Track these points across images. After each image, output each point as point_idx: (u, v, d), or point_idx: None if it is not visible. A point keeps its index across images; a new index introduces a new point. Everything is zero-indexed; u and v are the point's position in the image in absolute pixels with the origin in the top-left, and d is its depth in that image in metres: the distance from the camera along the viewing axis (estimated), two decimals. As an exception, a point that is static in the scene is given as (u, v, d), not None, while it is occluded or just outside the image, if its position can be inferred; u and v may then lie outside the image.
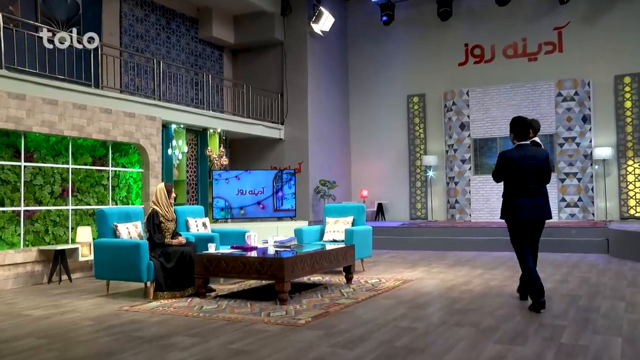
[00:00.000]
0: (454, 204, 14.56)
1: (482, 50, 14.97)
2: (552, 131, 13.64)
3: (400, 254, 10.97)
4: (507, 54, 14.69)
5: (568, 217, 13.30)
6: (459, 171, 14.49)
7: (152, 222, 6.71)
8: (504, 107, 14.14)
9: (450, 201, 14.70)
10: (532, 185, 5.55)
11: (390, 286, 7.07)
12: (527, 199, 5.54)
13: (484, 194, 14.17)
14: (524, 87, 13.99)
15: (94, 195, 9.04)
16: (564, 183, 13.44)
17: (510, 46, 14.67)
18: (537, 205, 5.55)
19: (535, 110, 13.80)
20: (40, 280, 7.89)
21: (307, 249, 7.10)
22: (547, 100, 13.72)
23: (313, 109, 14.86)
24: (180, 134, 11.69)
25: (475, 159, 14.48)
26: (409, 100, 15.76)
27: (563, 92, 13.59)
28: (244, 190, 11.50)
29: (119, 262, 6.59)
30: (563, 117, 13.56)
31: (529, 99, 13.93)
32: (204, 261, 6.38)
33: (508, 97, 14.13)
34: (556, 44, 14.23)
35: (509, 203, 5.62)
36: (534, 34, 14.40)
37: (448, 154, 14.85)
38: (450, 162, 14.71)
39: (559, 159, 13.54)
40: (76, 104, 8.52)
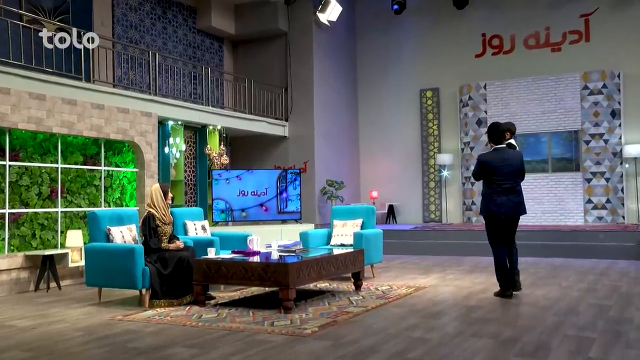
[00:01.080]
0: (470, 205, 14.50)
1: (500, 41, 14.90)
2: (577, 127, 13.55)
3: (412, 259, 10.93)
4: (529, 44, 14.61)
5: (595, 220, 13.21)
6: (475, 170, 14.41)
7: (148, 225, 6.68)
8: (525, 102, 14.07)
9: (466, 203, 14.64)
10: (507, 185, 6.60)
11: (402, 294, 7.05)
12: (503, 197, 6.59)
13: (502, 195, 14.06)
14: (546, 79, 13.91)
15: (85, 197, 9.03)
16: (591, 183, 13.35)
17: (531, 36, 14.59)
18: (513, 202, 6.61)
19: (558, 104, 13.72)
20: (27, 288, 7.87)
21: (313, 253, 7.06)
22: (572, 94, 13.63)
23: (319, 104, 14.82)
24: (177, 131, 11.67)
25: (494, 158, 14.38)
26: (422, 95, 15.71)
27: (590, 84, 13.50)
28: (246, 191, 11.47)
29: (112, 268, 6.57)
30: (589, 111, 13.47)
31: (551, 92, 13.85)
32: (203, 267, 6.36)
33: (529, 91, 14.05)
34: (582, 33, 14.13)
35: (488, 201, 6.64)
36: (558, 22, 14.31)
37: (464, 152, 14.79)
38: (467, 160, 14.65)
39: (585, 157, 13.45)
40: (65, 99, 8.51)
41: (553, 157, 13.86)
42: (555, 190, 13.68)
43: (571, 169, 13.66)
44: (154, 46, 13.00)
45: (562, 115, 13.72)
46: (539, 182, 13.78)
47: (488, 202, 6.62)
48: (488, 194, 6.63)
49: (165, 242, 6.79)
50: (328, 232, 8.99)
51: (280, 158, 14.78)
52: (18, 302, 7.05)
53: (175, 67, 13.03)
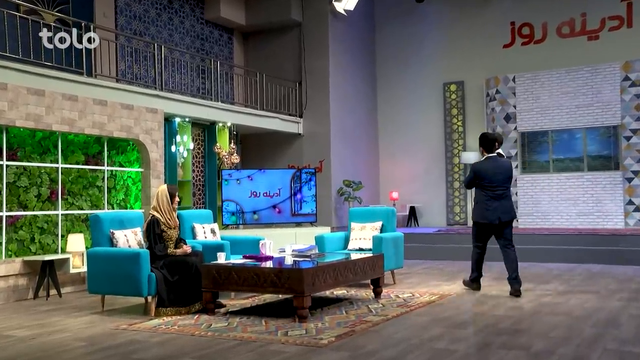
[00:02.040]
0: (498, 207, 14.37)
1: (531, 29, 14.77)
2: (617, 122, 13.39)
3: (436, 265, 10.87)
4: (562, 33, 14.47)
5: (637, 224, 13.04)
6: (503, 169, 14.31)
7: (152, 231, 6.69)
8: (557, 95, 13.93)
9: (494, 204, 14.52)
10: (500, 191, 7.46)
11: (425, 301, 7.02)
12: (497, 203, 7.44)
13: (533, 196, 13.98)
14: (581, 70, 13.76)
15: (87, 199, 9.07)
16: (632, 183, 13.17)
17: (565, 23, 14.44)
18: (505, 207, 7.48)
19: (595, 97, 13.57)
20: (25, 296, 7.92)
21: (329, 258, 7.05)
22: (611, 86, 13.47)
23: (335, 99, 14.80)
24: (185, 129, 11.71)
25: (523, 155, 14.30)
26: (446, 89, 15.63)
27: (631, 75, 13.31)
28: (258, 192, 11.48)
29: (116, 274, 6.59)
30: (631, 105, 13.30)
31: (587, 84, 13.70)
32: (213, 273, 6.36)
33: (562, 83, 13.91)
34: (624, 18, 13.93)
35: (483, 207, 7.51)
36: (595, 8, 14.14)
37: (491, 150, 14.68)
38: (494, 159, 14.54)
39: (625, 154, 13.27)
40: (66, 95, 8.56)
41: (589, 155, 13.71)
42: (591, 191, 13.52)
43: (609, 167, 13.50)
44: (160, 38, 13.05)
45: (600, 109, 13.56)
46: (573, 182, 13.64)
47: (482, 208, 7.51)
48: (482, 201, 7.50)
49: (172, 247, 6.80)
50: (345, 235, 8.97)
51: (294, 157, 14.77)
52: (16, 310, 7.09)
53: (182, 60, 13.07)
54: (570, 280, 8.68)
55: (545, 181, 13.91)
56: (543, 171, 14.06)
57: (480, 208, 7.54)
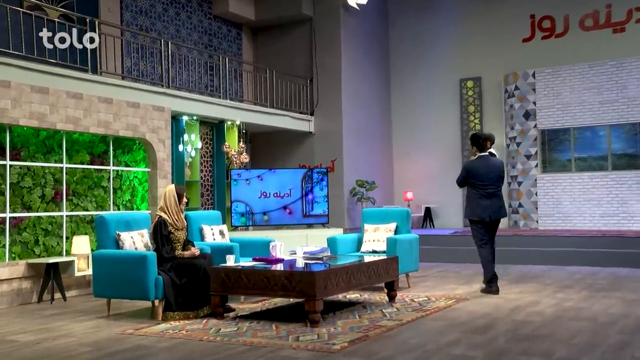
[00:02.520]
0: (517, 208, 14.33)
1: (552, 22, 14.68)
2: (644, 119, 13.28)
3: (452, 268, 10.84)
4: (585, 26, 14.36)
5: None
6: (522, 169, 14.26)
7: (159, 232, 6.71)
8: (580, 91, 13.83)
9: (512, 205, 14.47)
10: (491, 190, 7.90)
11: (441, 306, 7.00)
12: (488, 201, 7.87)
13: (554, 196, 13.90)
14: (606, 65, 13.65)
15: (92, 199, 9.11)
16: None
17: (589, 15, 14.34)
18: (497, 205, 7.91)
19: (620, 93, 13.46)
20: (29, 300, 7.97)
21: (342, 261, 7.04)
22: (638, 81, 13.34)
23: (348, 97, 14.78)
24: (192, 127, 11.73)
25: (543, 154, 14.23)
26: (462, 86, 15.58)
27: (660, 69, 13.19)
28: (268, 192, 11.48)
29: (122, 277, 6.60)
30: (658, 101, 13.17)
31: (612, 80, 13.59)
32: (222, 276, 6.37)
33: (585, 79, 13.81)
34: (653, 9, 13.79)
35: (475, 205, 7.89)
36: (621, -2, 14.02)
37: (509, 149, 14.63)
38: (513, 158, 14.49)
39: (655, 154, 13.14)
40: (70, 93, 8.60)
41: (613, 153, 13.61)
42: (616, 191, 13.41)
43: (636, 166, 13.38)
44: (166, 34, 13.09)
45: (625, 105, 13.45)
46: (597, 181, 13.53)
47: (475, 206, 7.90)
48: (474, 199, 7.91)
49: (179, 249, 6.82)
50: (358, 237, 8.97)
51: (305, 156, 14.77)
52: (20, 314, 7.13)
53: (190, 56, 13.10)
54: (594, 284, 8.61)
55: (566, 181, 13.83)
56: (564, 170, 13.98)
57: (473, 206, 7.95)
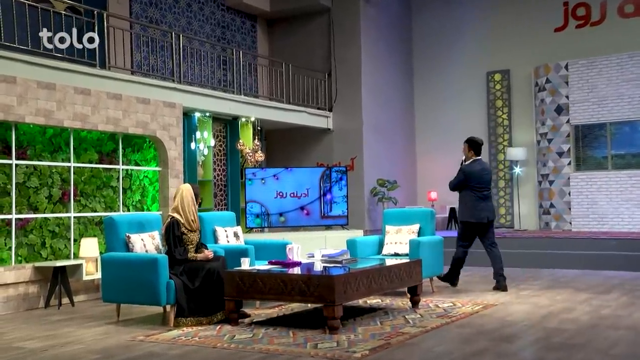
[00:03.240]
0: (548, 208, 14.23)
1: (587, 10, 14.53)
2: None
3: (479, 272, 10.78)
4: (624, 12, 14.18)
5: None
6: (554, 167, 14.16)
7: (172, 233, 6.74)
8: (617, 84, 13.67)
9: (543, 205, 14.38)
10: (486, 192, 8.71)
11: (468, 312, 6.98)
12: (483, 203, 8.64)
13: (588, 196, 13.77)
14: (647, 55, 13.49)
15: (100, 200, 9.17)
16: None
17: (629, 1, 14.11)
18: (491, 207, 8.80)
19: (663, 85, 13.27)
20: (36, 305, 8.03)
21: (362, 264, 7.03)
22: (682, 72, 13.17)
23: (368, 91, 14.76)
24: (205, 124, 11.77)
25: (577, 151, 14.11)
26: (490, 79, 15.49)
27: None
28: (284, 192, 11.49)
29: (132, 282, 6.65)
30: None
31: (654, 71, 13.41)
32: (236, 280, 6.38)
33: (623, 70, 13.64)
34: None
35: (472, 208, 8.60)
36: (667, -19, 13.82)
37: (540, 146, 14.53)
38: (543, 155, 14.39)
39: None
40: (78, 88, 8.66)
41: (656, 150, 13.46)
42: (658, 190, 13.27)
43: (679, 163, 13.23)
44: (177, 26, 13.14)
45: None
46: (637, 180, 13.34)
47: (472, 208, 8.60)
48: (472, 201, 8.61)
49: (192, 252, 6.84)
50: (379, 239, 8.95)
51: (323, 154, 14.76)
52: (27, 320, 7.19)
53: (202, 50, 13.14)
54: (634, 290, 8.51)
55: (602, 179, 13.69)
56: (600, 168, 13.85)
57: (471, 208, 8.64)
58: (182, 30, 13.14)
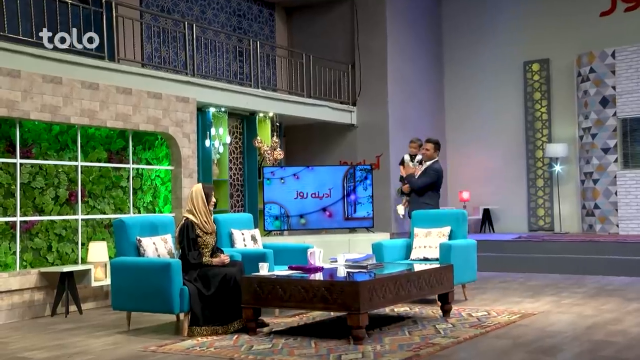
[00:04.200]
0: (592, 209, 14.12)
1: (638, -9, 14.37)
2: None
3: (515, 278, 10.73)
4: (680, -7, 14.02)
5: None
6: (599, 164, 14.05)
7: (186, 236, 6.77)
8: (672, 72, 13.52)
9: (587, 206, 14.27)
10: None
11: (504, 321, 6.94)
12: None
13: (638, 196, 13.63)
14: None
15: (110, 201, 9.24)
16: None
17: (685, -19, 13.97)
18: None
19: None
20: (42, 313, 8.11)
21: (389, 270, 7.03)
22: None
23: (395, 84, 14.74)
24: (220, 120, 11.82)
25: (624, 147, 13.98)
26: (527, 69, 15.40)
27: None
28: (305, 192, 11.50)
29: (144, 288, 6.69)
30: None
31: None
32: (254, 286, 6.40)
33: (679, 57, 13.48)
34: None
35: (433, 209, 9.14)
36: None
37: (583, 141, 14.43)
38: (587, 152, 14.29)
39: None
40: (86, 83, 8.73)
41: None
42: None
43: None
44: (191, 16, 13.21)
45: None
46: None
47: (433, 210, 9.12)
48: (436, 204, 9.31)
49: (208, 256, 6.88)
50: (407, 243, 8.95)
51: (346, 151, 14.76)
52: (32, 329, 7.27)
53: (217, 41, 13.20)
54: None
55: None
56: (652, 166, 13.74)
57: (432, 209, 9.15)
58: (196, 19, 13.20)
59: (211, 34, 13.29)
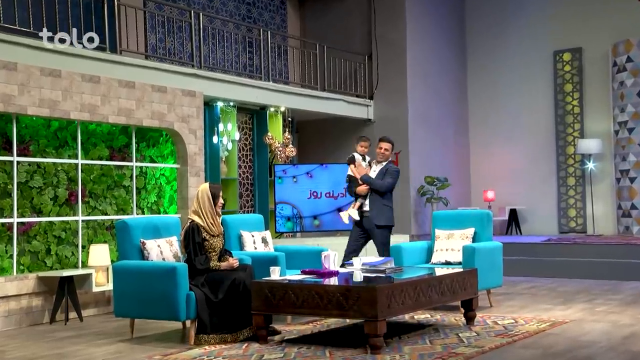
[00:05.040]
0: (629, 210, 14.06)
1: (682, -27, 14.27)
2: None
3: (545, 283, 10.70)
4: None
5: None
6: (636, 161, 13.98)
7: (192, 240, 6.78)
8: None
9: (623, 206, 14.20)
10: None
11: (532, 330, 6.92)
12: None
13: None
14: None
15: (112, 201, 9.28)
16: None
17: None
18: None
19: None
20: (40, 320, 8.14)
21: (408, 274, 7.03)
22: None
23: (414, 77, 14.71)
24: (229, 115, 11.84)
25: (663, 142, 13.91)
26: (558, 59, 15.33)
27: None
28: (319, 192, 11.51)
29: (148, 294, 6.71)
30: None
31: None
32: (265, 292, 6.41)
33: None
34: None
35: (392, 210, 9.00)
36: None
37: (619, 136, 14.36)
38: (623, 147, 14.22)
39: None
40: (86, 76, 8.77)
41: None
42: None
43: None
44: (197, 4, 13.23)
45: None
46: None
47: (392, 211, 8.98)
48: (391, 205, 9.03)
49: (215, 260, 6.89)
50: (428, 245, 8.97)
51: (363, 148, 14.75)
52: (30, 337, 7.31)
53: (225, 31, 13.22)
54: None
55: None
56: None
57: (391, 212, 8.99)
58: (202, 8, 13.22)
59: (219, 23, 13.30)
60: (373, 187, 8.82)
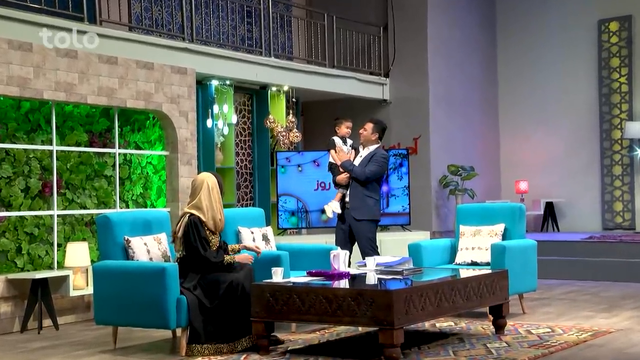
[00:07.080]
0: (682, 204, 14.07)
1: None
2: None
3: (586, 287, 10.71)
4: None
5: None
6: (693, 148, 14.00)
7: (197, 233, 6.71)
8: None
9: (672, 200, 14.20)
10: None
11: (572, 341, 6.90)
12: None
13: None
14: None
15: (92, 193, 9.29)
16: None
17: None
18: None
19: None
20: (10, 328, 8.12)
21: (429, 276, 7.05)
22: None
23: (436, 52, 14.71)
24: (225, 96, 11.84)
25: None
26: (602, 30, 15.30)
27: None
28: (327, 182, 11.52)
29: (133, 298, 6.71)
30: None
31: None
32: (266, 296, 6.41)
33: None
34: None
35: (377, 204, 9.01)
36: None
37: (672, 119, 14.36)
38: (676, 132, 14.21)
39: None
40: (61, 50, 8.75)
41: None
42: None
43: None
44: (188, -31, 13.21)
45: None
46: None
47: (377, 204, 9.01)
48: (378, 197, 9.09)
49: (223, 256, 6.92)
50: (452, 243, 8.97)
51: (378, 133, 14.77)
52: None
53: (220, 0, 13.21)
54: None
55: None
56: None
57: (377, 205, 9.00)
58: (194, -27, 13.20)
59: (213, -10, 13.30)
60: (353, 175, 8.82)
